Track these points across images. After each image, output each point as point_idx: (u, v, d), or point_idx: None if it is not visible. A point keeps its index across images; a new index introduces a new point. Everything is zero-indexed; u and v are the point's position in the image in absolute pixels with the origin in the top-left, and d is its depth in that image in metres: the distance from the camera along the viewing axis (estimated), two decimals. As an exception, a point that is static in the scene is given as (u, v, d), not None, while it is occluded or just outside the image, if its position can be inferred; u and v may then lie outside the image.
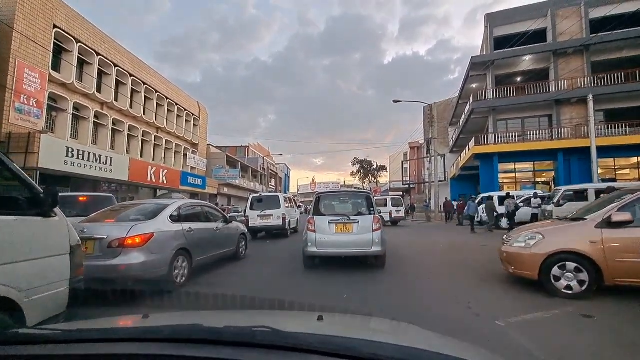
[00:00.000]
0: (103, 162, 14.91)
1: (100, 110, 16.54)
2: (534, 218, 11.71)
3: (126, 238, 4.39)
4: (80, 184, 15.53)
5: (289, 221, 13.42)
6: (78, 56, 15.06)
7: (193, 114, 25.43)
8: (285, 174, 63.21)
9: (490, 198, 12.99)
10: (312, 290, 4.93)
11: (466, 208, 12.63)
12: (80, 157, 13.65)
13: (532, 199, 11.84)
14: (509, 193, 13.57)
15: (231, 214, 15.06)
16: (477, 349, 1.11)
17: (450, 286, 4.98)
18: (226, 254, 6.79)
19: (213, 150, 30.26)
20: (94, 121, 16.08)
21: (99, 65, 16.22)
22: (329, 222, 6.01)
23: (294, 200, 19.17)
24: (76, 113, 15.40)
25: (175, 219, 5.27)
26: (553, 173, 19.71)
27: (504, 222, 12.73)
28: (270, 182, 49.45)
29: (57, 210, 2.63)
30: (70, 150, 13.16)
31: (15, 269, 2.22)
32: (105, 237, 4.37)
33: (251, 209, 12.62)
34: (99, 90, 16.56)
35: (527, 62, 20.11)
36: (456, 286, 4.95)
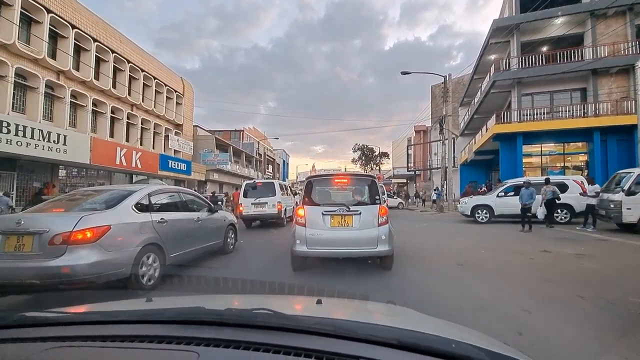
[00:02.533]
0: (54, 141, 12.37)
1: (55, 80, 13.92)
2: (590, 210, 9.21)
3: (73, 232, 3.53)
4: (30, 167, 13.12)
5: (285, 209, 12.61)
6: (21, 12, 12.37)
7: (176, 91, 22.70)
8: (284, 160, 60.61)
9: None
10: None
11: (519, 197, 10.06)
12: (21, 134, 11.11)
13: (589, 186, 9.33)
14: (548, 179, 11.11)
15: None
16: (471, 331, 1.11)
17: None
18: (211, 248, 6.03)
19: (201, 133, 27.62)
20: (45, 92, 13.47)
21: (50, 24, 13.52)
22: (322, 214, 4.86)
23: (289, 187, 17.72)
24: (21, 81, 12.81)
25: (143, 208, 4.49)
26: (586, 156, 17.08)
27: (540, 213, 10.28)
28: (268, 168, 47.01)
29: None
30: (4, 124, 10.61)
31: None
32: (47, 230, 3.52)
33: (245, 196, 12.01)
34: (53, 56, 13.94)
35: (558, 26, 17.18)
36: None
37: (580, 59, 16.50)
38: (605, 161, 16.00)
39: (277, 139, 53.54)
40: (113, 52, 16.78)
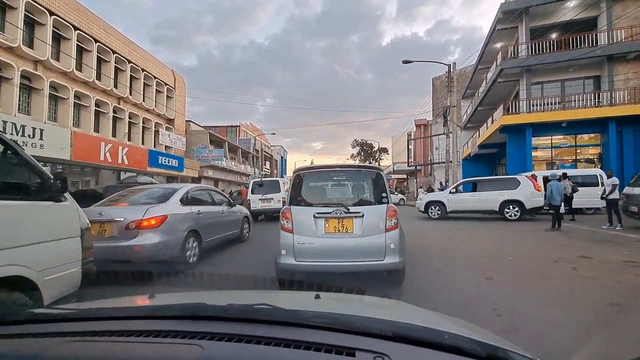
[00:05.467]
0: (29, 135, 11.44)
1: (32, 71, 12.95)
2: (613, 205, 8.22)
3: (142, 220, 4.49)
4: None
5: None
6: (-9, -5, 11.42)
7: (166, 84, 21.69)
8: (282, 157, 59.66)
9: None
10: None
11: (548, 191, 9.11)
12: (-12, 127, 10.18)
13: (606, 179, 8.41)
14: (565, 173, 10.42)
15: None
16: (464, 323, 1.12)
17: None
18: (232, 236, 6.98)
19: (194, 128, 26.62)
20: (21, 83, 12.51)
21: (26, 10, 12.54)
22: (314, 217, 3.89)
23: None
24: (-8, 71, 11.85)
25: (185, 202, 5.40)
26: (600, 148, 16.14)
27: (562, 208, 9.63)
28: (265, 164, 46.07)
29: (67, 195, 2.67)
30: (-30, 117, 9.68)
31: (31, 250, 2.25)
32: (122, 219, 4.47)
33: (252, 193, 13.18)
34: (30, 45, 12.96)
35: (570, 8, 16.12)
36: None
37: (594, 44, 15.52)
38: (621, 153, 15.12)
39: (274, 134, 52.56)
40: (97, 41, 15.78)
